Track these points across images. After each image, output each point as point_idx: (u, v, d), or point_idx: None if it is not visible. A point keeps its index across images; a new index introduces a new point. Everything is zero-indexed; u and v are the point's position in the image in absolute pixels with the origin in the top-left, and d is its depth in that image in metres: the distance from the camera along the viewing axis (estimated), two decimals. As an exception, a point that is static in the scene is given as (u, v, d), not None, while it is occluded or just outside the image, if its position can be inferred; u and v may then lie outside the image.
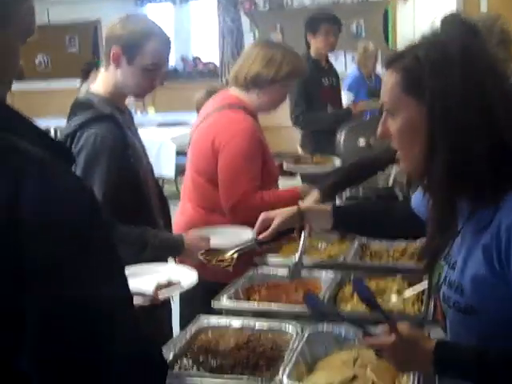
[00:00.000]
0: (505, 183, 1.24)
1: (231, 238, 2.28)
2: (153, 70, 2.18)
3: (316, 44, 4.60)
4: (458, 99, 1.21)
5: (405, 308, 1.95)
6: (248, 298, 2.12)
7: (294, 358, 1.62)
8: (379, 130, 1.37)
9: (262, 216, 1.97)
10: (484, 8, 9.94)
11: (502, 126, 1.22)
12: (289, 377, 1.54)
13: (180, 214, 2.73)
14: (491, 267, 1.22)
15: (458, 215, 1.32)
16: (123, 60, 2.16)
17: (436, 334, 1.53)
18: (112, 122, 2.16)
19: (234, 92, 2.63)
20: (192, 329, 1.83)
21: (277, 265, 2.35)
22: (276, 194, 2.60)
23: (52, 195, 0.77)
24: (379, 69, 6.66)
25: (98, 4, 10.45)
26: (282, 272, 2.25)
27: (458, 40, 1.29)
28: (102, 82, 2.24)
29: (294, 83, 2.66)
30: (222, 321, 1.89)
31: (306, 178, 3.92)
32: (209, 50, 10.34)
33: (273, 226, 1.94)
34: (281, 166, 3.19)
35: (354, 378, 1.54)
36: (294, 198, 2.55)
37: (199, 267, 2.08)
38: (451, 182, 1.23)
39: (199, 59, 10.64)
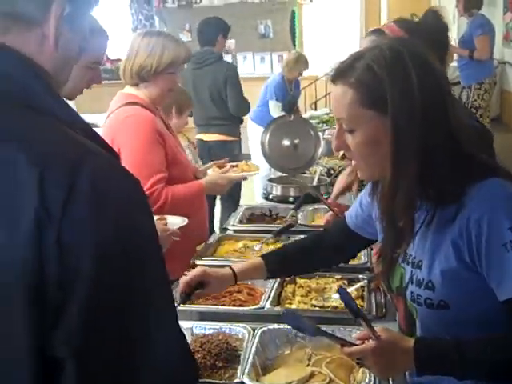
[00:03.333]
0: (462, 178, 1.27)
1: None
2: (94, 68, 2.14)
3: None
4: (418, 103, 1.22)
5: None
6: (192, 301, 2.13)
7: (250, 358, 1.66)
8: (334, 143, 1.37)
9: (194, 272, 1.76)
10: (384, 8, 10.34)
11: (451, 117, 1.26)
12: (248, 377, 1.57)
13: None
14: (461, 261, 1.26)
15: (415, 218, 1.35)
16: None
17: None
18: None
19: (127, 90, 2.62)
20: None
21: (215, 266, 2.37)
22: (181, 187, 2.58)
23: (111, 181, 0.79)
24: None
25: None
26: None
27: (398, 41, 1.33)
28: None
29: (181, 69, 2.64)
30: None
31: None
32: (118, 48, 10.15)
33: (205, 292, 1.78)
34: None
35: (312, 375, 1.60)
36: (198, 192, 2.64)
37: None
38: (416, 185, 1.27)
39: (107, 56, 10.43)
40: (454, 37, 7.29)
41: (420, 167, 1.25)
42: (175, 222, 2.21)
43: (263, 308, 1.99)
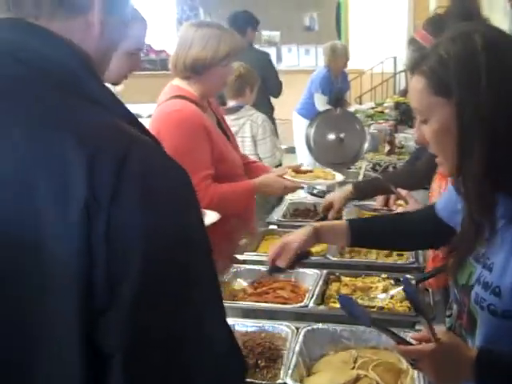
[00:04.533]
0: None
1: None
2: (135, 55, 2.13)
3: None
4: (485, 90, 1.17)
5: (394, 306, 1.96)
6: (234, 297, 2.10)
7: (294, 359, 1.61)
8: (416, 136, 1.35)
9: (279, 243, 1.76)
10: (433, 5, 10.13)
11: None
12: (291, 378, 1.53)
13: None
14: None
15: (497, 214, 1.25)
16: None
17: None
18: None
19: (177, 82, 2.54)
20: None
21: (258, 262, 2.34)
22: (228, 187, 2.48)
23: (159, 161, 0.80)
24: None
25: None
26: (265, 269, 2.24)
27: (478, 30, 1.28)
28: None
29: (233, 62, 2.56)
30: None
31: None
32: (163, 39, 10.21)
33: (291, 251, 1.71)
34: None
35: (358, 378, 1.54)
36: (246, 192, 2.53)
37: None
38: (489, 177, 1.19)
39: (150, 47, 10.47)
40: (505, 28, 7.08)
41: (489, 153, 1.18)
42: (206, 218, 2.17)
43: (307, 306, 1.93)
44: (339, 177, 2.79)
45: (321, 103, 6.00)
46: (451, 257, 1.42)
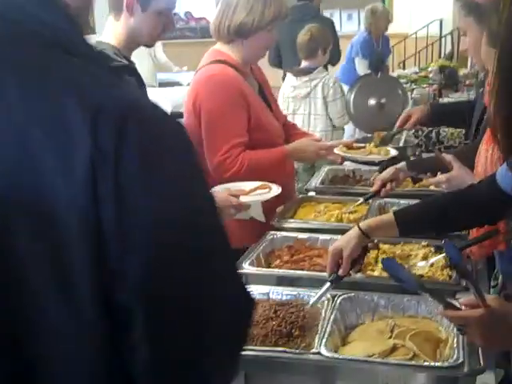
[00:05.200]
0: None
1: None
2: (166, 15, 2.11)
3: None
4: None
5: (433, 274, 1.90)
6: (269, 264, 2.07)
7: (328, 328, 1.57)
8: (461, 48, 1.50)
9: (331, 252, 1.77)
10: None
11: None
12: (326, 347, 1.49)
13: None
14: None
15: None
16: (137, 7, 2.07)
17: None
18: (134, 75, 2.10)
19: (218, 46, 2.51)
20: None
21: (295, 229, 2.30)
22: (261, 153, 2.45)
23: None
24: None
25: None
26: (302, 236, 2.20)
27: None
28: (112, 33, 2.13)
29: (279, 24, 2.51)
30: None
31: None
32: (201, 6, 10.13)
33: (345, 258, 1.72)
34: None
35: (394, 348, 1.49)
36: (279, 158, 2.49)
37: None
38: None
39: (191, 14, 10.41)
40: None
41: None
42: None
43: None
44: (393, 152, 2.71)
45: (362, 68, 5.89)
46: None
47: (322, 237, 2.19)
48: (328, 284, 1.69)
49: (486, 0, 1.85)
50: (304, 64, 4.12)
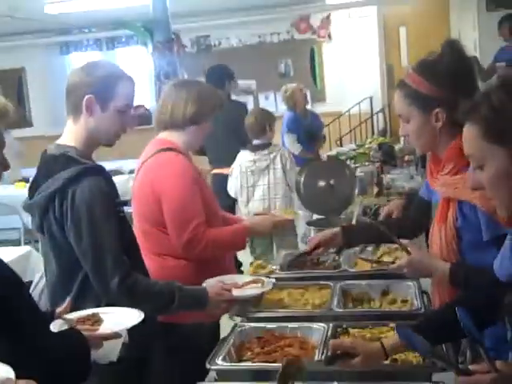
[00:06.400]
0: None
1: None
2: (125, 112, 2.14)
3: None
4: None
5: (406, 357, 1.91)
6: (240, 358, 2.04)
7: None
8: (470, 182, 1.41)
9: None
10: (404, 42, 10.34)
11: None
12: None
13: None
14: None
15: None
16: (96, 107, 2.10)
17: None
18: (102, 174, 2.12)
19: (163, 135, 2.68)
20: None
21: (262, 318, 2.29)
22: (221, 230, 2.67)
23: None
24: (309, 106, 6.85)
25: (22, 53, 10.25)
26: (270, 325, 2.19)
27: None
28: (71, 134, 2.15)
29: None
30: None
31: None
32: (138, 95, 10.25)
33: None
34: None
35: None
36: (240, 231, 2.74)
37: None
38: None
39: (129, 103, 10.48)
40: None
41: None
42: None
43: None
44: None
45: (291, 143, 6.18)
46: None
47: (290, 325, 2.18)
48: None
49: (429, 90, 1.93)
50: (256, 142, 4.67)
